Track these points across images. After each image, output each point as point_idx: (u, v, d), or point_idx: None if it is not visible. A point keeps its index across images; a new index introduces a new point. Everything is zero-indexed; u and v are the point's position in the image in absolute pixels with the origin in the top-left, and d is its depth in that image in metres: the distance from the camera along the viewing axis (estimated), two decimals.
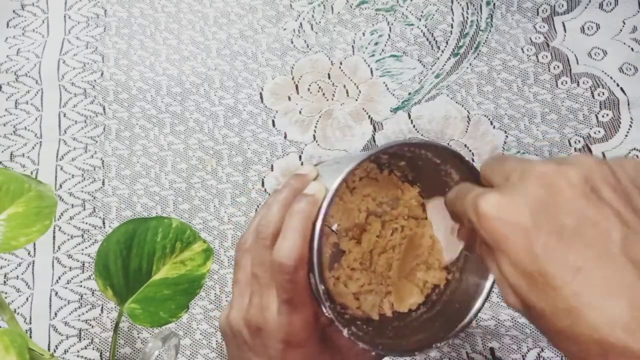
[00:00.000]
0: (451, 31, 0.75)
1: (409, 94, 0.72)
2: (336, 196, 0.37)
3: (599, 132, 0.69)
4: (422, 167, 0.41)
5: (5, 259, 0.66)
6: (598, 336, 0.26)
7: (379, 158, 0.43)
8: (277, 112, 0.72)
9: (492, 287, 0.38)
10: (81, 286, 0.65)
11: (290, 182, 0.39)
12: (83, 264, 0.66)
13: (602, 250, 0.27)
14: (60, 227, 0.67)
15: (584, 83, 0.71)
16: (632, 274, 0.26)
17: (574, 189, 0.28)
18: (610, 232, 0.27)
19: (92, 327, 0.63)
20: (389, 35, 0.75)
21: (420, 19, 0.76)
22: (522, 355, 0.61)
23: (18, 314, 0.64)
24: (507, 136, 0.69)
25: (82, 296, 0.64)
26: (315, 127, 0.71)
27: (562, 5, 0.75)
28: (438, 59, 0.74)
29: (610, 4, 0.74)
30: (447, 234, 0.40)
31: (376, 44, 0.75)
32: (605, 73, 0.71)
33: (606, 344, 0.25)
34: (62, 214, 0.68)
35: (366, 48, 0.75)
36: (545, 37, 0.74)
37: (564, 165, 0.29)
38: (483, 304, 0.38)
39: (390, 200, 0.43)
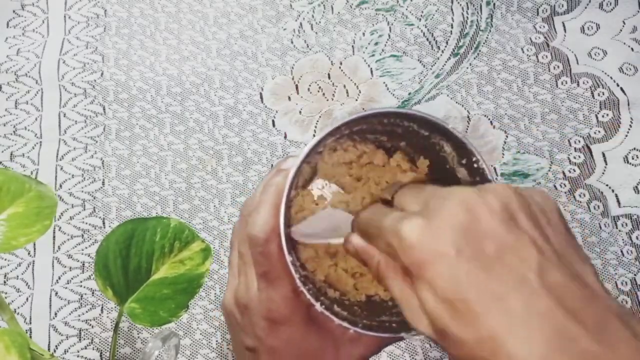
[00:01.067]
0: (451, 31, 0.75)
1: (409, 94, 0.72)
2: (305, 161, 0.37)
3: (599, 132, 0.69)
4: (419, 146, 0.41)
5: (5, 259, 0.66)
6: None
7: (383, 143, 0.42)
8: (277, 112, 0.72)
9: None
10: (81, 286, 0.65)
11: (278, 162, 0.40)
12: (83, 264, 0.66)
13: (521, 278, 0.27)
14: (60, 227, 0.67)
15: (584, 83, 0.71)
16: (548, 301, 0.26)
17: (494, 215, 0.28)
18: (528, 259, 0.27)
19: (92, 327, 0.63)
20: (389, 35, 0.75)
21: (420, 19, 0.76)
22: None
23: (18, 314, 0.64)
24: (507, 136, 0.69)
25: (82, 296, 0.64)
26: (315, 127, 0.71)
27: (562, 5, 0.75)
28: (438, 59, 0.74)
29: (610, 4, 0.74)
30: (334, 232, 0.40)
31: (376, 44, 0.75)
32: (605, 73, 0.71)
33: None
34: (62, 214, 0.68)
35: (366, 48, 0.75)
36: (545, 37, 0.74)
37: (484, 192, 0.29)
38: None
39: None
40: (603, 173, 0.67)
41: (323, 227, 0.39)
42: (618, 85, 0.70)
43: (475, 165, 0.38)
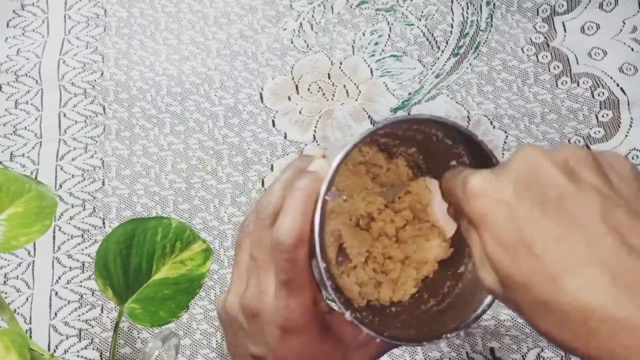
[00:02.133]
0: (451, 31, 0.75)
1: (409, 94, 0.72)
2: (339, 169, 0.35)
3: (599, 132, 0.69)
4: (433, 153, 0.41)
5: (5, 259, 0.66)
6: (578, 302, 0.26)
7: (388, 147, 0.42)
8: (277, 112, 0.72)
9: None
10: (81, 286, 0.65)
11: (295, 162, 0.38)
12: (83, 264, 0.66)
13: (583, 218, 0.27)
14: (60, 227, 0.67)
15: (584, 83, 0.71)
16: (612, 240, 0.26)
17: (556, 167, 0.29)
18: (590, 203, 0.27)
19: (92, 327, 0.63)
20: (389, 35, 0.75)
21: (420, 19, 0.76)
22: (522, 355, 0.61)
23: (18, 314, 0.64)
24: (507, 136, 0.69)
25: (82, 296, 0.64)
26: (315, 127, 0.71)
27: (562, 5, 0.75)
28: (438, 59, 0.74)
29: (610, 4, 0.74)
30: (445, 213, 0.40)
31: (376, 44, 0.75)
32: (605, 73, 0.71)
33: (587, 310, 0.26)
34: (62, 214, 0.68)
35: (366, 48, 0.75)
36: (545, 37, 0.74)
37: (551, 149, 0.30)
38: (485, 310, 0.37)
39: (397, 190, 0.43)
40: None
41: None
42: (618, 85, 0.70)
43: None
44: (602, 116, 0.69)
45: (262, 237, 0.36)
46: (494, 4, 0.76)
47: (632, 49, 0.72)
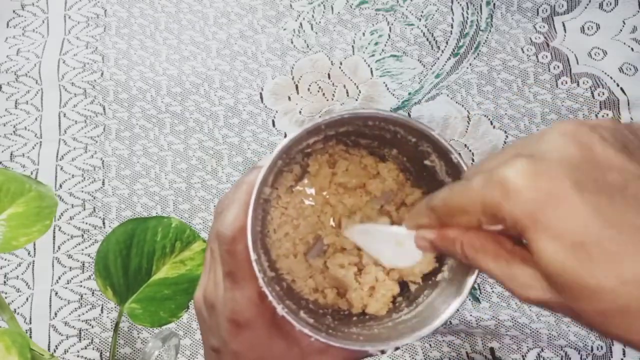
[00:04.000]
0: (451, 31, 0.75)
1: (409, 94, 0.72)
2: (278, 160, 0.35)
3: None
4: (407, 153, 0.39)
5: (5, 259, 0.66)
6: None
7: (375, 150, 0.42)
8: (277, 112, 0.72)
9: (471, 287, 0.35)
10: (81, 286, 0.65)
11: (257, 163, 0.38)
12: (83, 264, 0.66)
13: None
14: (60, 227, 0.67)
15: (584, 83, 0.71)
16: None
17: (608, 145, 0.25)
18: None
19: (92, 327, 0.63)
20: (389, 35, 0.75)
21: (420, 19, 0.76)
22: (522, 355, 0.61)
23: (18, 314, 0.64)
24: (507, 136, 0.69)
25: (82, 296, 0.64)
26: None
27: (562, 5, 0.75)
28: (438, 59, 0.74)
29: (610, 4, 0.74)
30: (392, 249, 0.37)
31: (376, 44, 0.75)
32: (605, 73, 0.71)
33: None
34: (62, 214, 0.68)
35: (366, 48, 0.75)
36: (545, 37, 0.74)
37: (587, 123, 0.26)
38: (459, 305, 0.35)
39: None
40: None
41: (385, 245, 0.37)
42: (618, 85, 0.70)
43: (460, 176, 0.35)
44: (602, 116, 0.69)
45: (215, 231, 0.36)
46: (494, 4, 0.76)
47: (632, 49, 0.72)
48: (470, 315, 0.61)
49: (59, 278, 0.65)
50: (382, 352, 0.35)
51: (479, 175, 0.27)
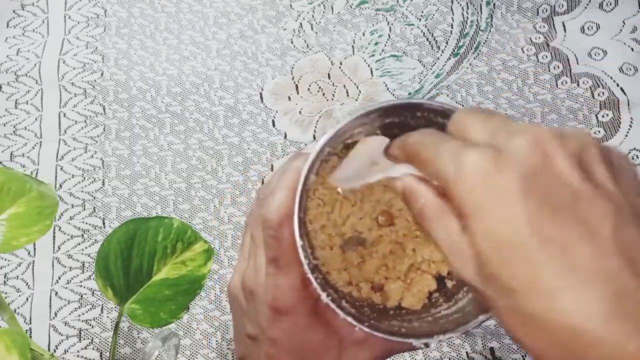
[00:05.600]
0: (451, 31, 0.75)
1: (409, 94, 0.72)
2: (326, 147, 0.35)
3: (599, 132, 0.69)
4: None
5: (5, 259, 0.66)
6: (571, 322, 0.23)
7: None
8: (277, 112, 0.72)
9: None
10: (81, 286, 0.65)
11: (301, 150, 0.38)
12: (83, 264, 0.66)
13: (592, 230, 0.24)
14: (60, 227, 0.67)
15: (584, 83, 0.71)
16: (618, 259, 0.24)
17: (569, 160, 0.26)
18: (602, 213, 0.25)
19: (92, 327, 0.63)
20: (389, 35, 0.75)
21: (420, 19, 0.76)
22: (522, 356, 0.61)
23: (18, 314, 0.64)
24: None
25: (82, 296, 0.64)
26: (315, 127, 0.71)
27: (562, 5, 0.75)
28: (438, 59, 0.74)
29: (610, 4, 0.74)
30: (360, 163, 0.37)
31: (376, 44, 0.75)
32: (605, 73, 0.71)
33: (578, 331, 0.23)
34: (62, 214, 0.68)
35: (366, 48, 0.75)
36: (545, 37, 0.74)
37: (560, 134, 0.26)
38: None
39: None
40: None
41: (359, 164, 0.37)
42: (618, 85, 0.70)
43: None
44: (602, 116, 0.69)
45: (258, 217, 0.36)
46: (494, 4, 0.76)
47: (632, 49, 0.72)
48: None
49: (59, 278, 0.65)
50: (426, 345, 0.34)
51: (448, 143, 0.28)
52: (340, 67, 0.74)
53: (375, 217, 0.40)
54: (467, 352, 0.61)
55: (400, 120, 0.38)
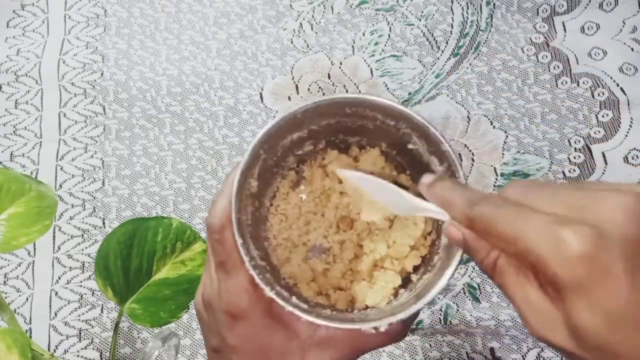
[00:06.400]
0: (451, 31, 0.75)
1: (409, 94, 0.72)
2: (258, 149, 0.36)
3: (599, 132, 0.69)
4: (392, 141, 0.40)
5: (5, 259, 0.66)
6: None
7: (363, 146, 0.42)
8: (277, 112, 0.72)
9: (456, 267, 0.34)
10: (81, 286, 0.65)
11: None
12: (83, 264, 0.66)
13: None
14: (60, 227, 0.67)
15: (584, 83, 0.71)
16: None
17: None
18: None
19: (92, 327, 0.63)
20: (389, 35, 0.75)
21: (420, 19, 0.76)
22: (522, 355, 0.61)
23: (18, 314, 0.64)
24: (507, 136, 0.69)
25: (82, 296, 0.64)
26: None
27: (562, 5, 0.75)
28: (438, 59, 0.74)
29: (610, 4, 0.74)
30: (394, 198, 0.37)
31: (376, 44, 0.75)
32: (605, 73, 0.71)
33: None
34: (62, 214, 0.68)
35: (366, 48, 0.75)
36: (545, 37, 0.74)
37: None
38: (451, 276, 0.35)
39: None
40: (603, 173, 0.67)
41: (385, 195, 0.38)
42: (618, 85, 0.70)
43: (441, 150, 0.36)
44: (602, 116, 0.69)
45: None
46: (494, 4, 0.76)
47: (632, 49, 0.72)
48: (470, 315, 0.61)
49: (59, 278, 0.65)
50: (376, 329, 0.34)
51: (535, 218, 0.28)
52: (340, 67, 0.74)
53: (336, 224, 0.41)
54: (467, 352, 0.61)
55: (335, 120, 0.39)
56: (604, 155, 0.67)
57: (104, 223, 0.67)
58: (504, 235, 0.29)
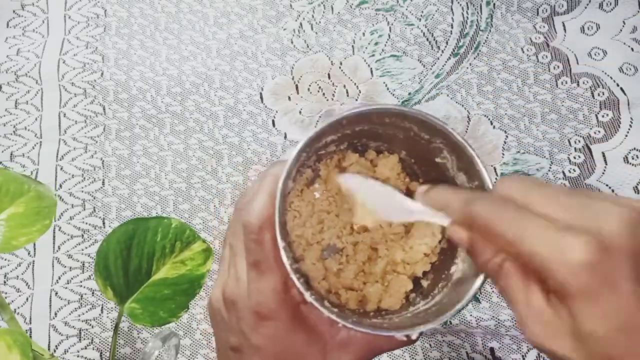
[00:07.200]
0: (451, 31, 0.75)
1: (409, 94, 0.72)
2: (302, 153, 0.36)
3: (599, 132, 0.69)
4: (418, 152, 0.40)
5: (5, 259, 0.66)
6: None
7: (381, 151, 0.42)
8: (277, 112, 0.72)
9: (485, 278, 0.35)
10: (81, 286, 0.65)
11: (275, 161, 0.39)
12: (83, 264, 0.66)
13: None
14: (60, 227, 0.67)
15: (584, 83, 0.71)
16: None
17: None
18: None
19: (92, 327, 0.63)
20: (389, 35, 0.75)
21: (420, 19, 0.76)
22: (522, 355, 0.61)
23: (18, 314, 0.64)
24: (507, 136, 0.69)
25: (82, 296, 0.64)
26: (315, 127, 0.71)
27: (562, 5, 0.75)
28: (438, 59, 0.74)
29: (610, 4, 0.74)
30: (389, 204, 0.38)
31: (376, 44, 0.75)
32: (605, 73, 0.71)
33: None
34: (62, 214, 0.68)
35: (366, 48, 0.75)
36: (545, 37, 0.74)
37: None
38: (475, 293, 0.36)
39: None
40: (603, 173, 0.67)
41: (384, 201, 0.38)
42: (618, 85, 0.70)
43: (474, 169, 0.37)
44: (602, 116, 0.69)
45: (237, 226, 0.37)
46: (494, 4, 0.76)
47: (632, 49, 0.72)
48: (470, 315, 0.61)
49: (59, 278, 0.65)
50: (408, 337, 0.35)
51: (535, 223, 0.28)
52: (340, 67, 0.74)
53: (350, 225, 0.41)
54: (467, 352, 0.61)
55: (369, 126, 0.39)
56: (604, 155, 0.67)
57: (104, 223, 0.67)
58: (506, 237, 0.29)
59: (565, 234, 0.27)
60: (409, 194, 0.42)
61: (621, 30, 0.73)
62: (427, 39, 0.75)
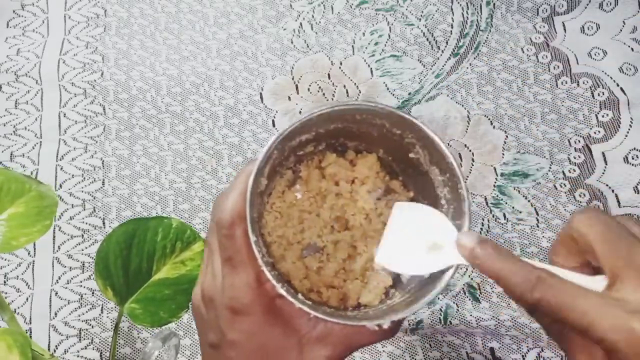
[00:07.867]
0: (451, 31, 0.75)
1: (409, 94, 0.72)
2: (273, 150, 0.37)
3: (599, 132, 0.69)
4: (393, 149, 0.41)
5: (5, 259, 0.66)
6: None
7: (360, 151, 0.43)
8: (277, 112, 0.72)
9: (454, 271, 0.36)
10: (81, 286, 0.65)
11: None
12: (83, 264, 0.66)
13: None
14: (60, 227, 0.67)
15: (584, 83, 0.71)
16: None
17: None
18: None
19: (92, 327, 0.63)
20: (389, 35, 0.75)
21: (420, 19, 0.76)
22: (522, 355, 0.61)
23: (18, 314, 0.64)
24: (507, 136, 0.69)
25: (82, 296, 0.64)
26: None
27: (562, 5, 0.75)
28: (438, 59, 0.74)
29: (610, 4, 0.74)
30: (411, 244, 0.38)
31: (376, 44, 0.75)
32: (605, 73, 0.71)
33: None
34: (62, 214, 0.68)
35: (366, 48, 0.75)
36: (545, 37, 0.74)
37: None
38: (445, 285, 0.36)
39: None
40: (603, 173, 0.67)
41: (411, 243, 0.38)
42: (618, 85, 0.70)
43: (445, 162, 0.37)
44: (602, 116, 0.69)
45: (213, 224, 0.37)
46: (494, 4, 0.76)
47: (632, 49, 0.72)
48: (470, 315, 0.61)
49: (59, 278, 0.65)
50: (379, 327, 0.35)
51: (608, 309, 0.29)
52: (340, 67, 0.74)
53: (330, 224, 0.42)
54: (467, 352, 0.61)
55: (343, 125, 0.40)
56: (604, 155, 0.67)
57: (104, 223, 0.67)
58: (574, 324, 0.30)
59: (634, 317, 0.28)
60: (388, 190, 0.42)
61: (621, 30, 0.73)
62: (427, 39, 0.75)
